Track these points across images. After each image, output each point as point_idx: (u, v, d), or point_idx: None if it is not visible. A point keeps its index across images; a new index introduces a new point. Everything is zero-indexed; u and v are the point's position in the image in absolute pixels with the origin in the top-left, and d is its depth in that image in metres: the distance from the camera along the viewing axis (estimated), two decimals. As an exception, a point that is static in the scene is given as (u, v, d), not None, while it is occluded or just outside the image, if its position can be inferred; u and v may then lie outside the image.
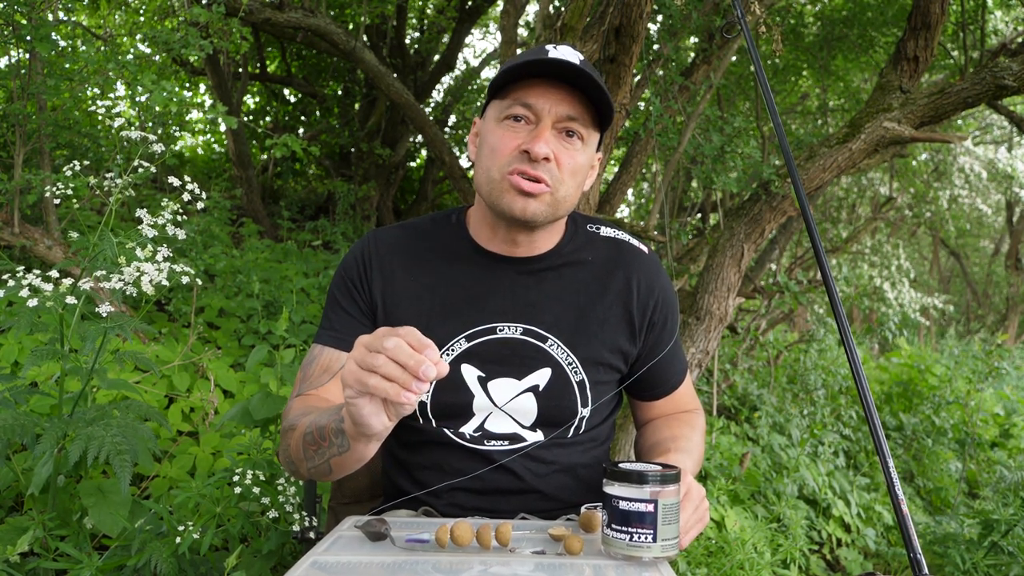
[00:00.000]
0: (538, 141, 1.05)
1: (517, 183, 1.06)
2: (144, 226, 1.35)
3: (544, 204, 1.08)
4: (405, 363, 0.79)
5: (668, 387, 1.30)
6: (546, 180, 1.07)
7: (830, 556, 3.12)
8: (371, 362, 0.80)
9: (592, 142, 1.13)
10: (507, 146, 1.07)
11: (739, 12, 1.70)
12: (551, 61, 1.04)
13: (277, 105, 6.74)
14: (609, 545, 0.92)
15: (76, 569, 1.30)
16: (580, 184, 1.13)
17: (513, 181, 1.07)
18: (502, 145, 1.08)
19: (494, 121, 1.10)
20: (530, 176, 1.06)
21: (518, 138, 1.07)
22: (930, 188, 6.88)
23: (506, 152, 1.07)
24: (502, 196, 1.08)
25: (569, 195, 1.11)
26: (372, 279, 1.18)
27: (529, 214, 1.08)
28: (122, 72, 2.70)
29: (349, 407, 0.86)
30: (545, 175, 1.06)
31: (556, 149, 1.07)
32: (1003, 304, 11.39)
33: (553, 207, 1.09)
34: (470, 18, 5.77)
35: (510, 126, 1.08)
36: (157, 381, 2.41)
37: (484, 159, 1.11)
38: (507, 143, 1.07)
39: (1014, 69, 2.29)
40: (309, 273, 3.76)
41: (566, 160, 1.08)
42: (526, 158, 1.06)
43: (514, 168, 1.06)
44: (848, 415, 4.25)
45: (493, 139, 1.09)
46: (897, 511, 1.15)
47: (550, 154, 1.06)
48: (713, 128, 2.93)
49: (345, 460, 1.00)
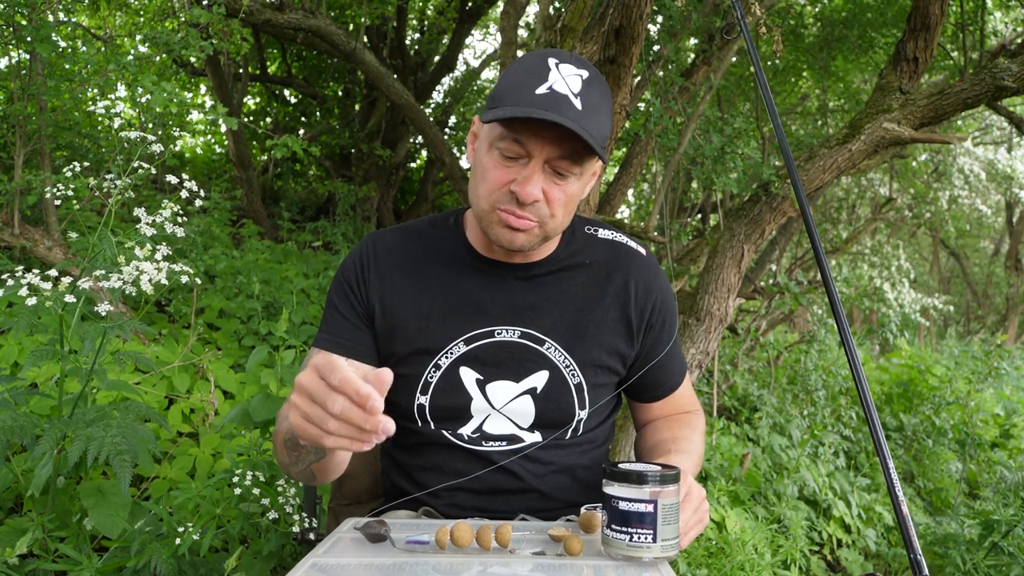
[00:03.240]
0: (527, 184, 1.02)
1: (505, 219, 1.05)
2: (143, 225, 1.35)
3: (532, 236, 1.07)
4: (360, 425, 0.77)
5: (667, 388, 1.30)
6: (533, 219, 1.06)
7: (830, 557, 3.11)
8: (321, 423, 0.78)
9: (589, 167, 1.09)
10: (497, 180, 1.05)
11: (739, 13, 1.70)
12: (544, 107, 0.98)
13: (277, 106, 6.74)
14: (609, 546, 0.92)
15: (76, 570, 1.30)
16: (573, 208, 1.11)
17: (501, 216, 1.06)
18: (492, 177, 1.05)
19: (488, 142, 1.07)
20: (519, 216, 1.05)
21: (509, 173, 1.04)
22: (930, 189, 6.88)
23: (496, 186, 1.05)
24: (491, 227, 1.08)
25: (560, 224, 1.09)
26: (369, 283, 1.18)
27: (517, 246, 1.08)
28: (122, 73, 2.70)
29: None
30: (532, 215, 1.05)
31: (547, 187, 1.05)
32: (1003, 304, 11.39)
33: (542, 237, 1.09)
34: (470, 19, 5.78)
35: (502, 160, 1.05)
36: (157, 382, 2.41)
37: (477, 181, 1.09)
38: (498, 176, 1.05)
39: (1013, 70, 2.29)
40: (309, 274, 3.76)
41: (557, 195, 1.06)
42: (515, 199, 1.04)
43: (503, 207, 1.05)
44: (848, 416, 4.25)
45: (486, 164, 1.07)
46: (897, 512, 1.16)
47: (539, 196, 1.04)
48: (713, 129, 2.93)
49: (325, 467, 1.01)
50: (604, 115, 1.05)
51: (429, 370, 1.15)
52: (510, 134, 1.02)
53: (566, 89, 1.01)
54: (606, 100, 1.06)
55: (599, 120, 1.03)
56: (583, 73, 1.03)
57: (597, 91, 1.04)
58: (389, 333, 1.17)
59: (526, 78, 1.02)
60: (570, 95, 1.00)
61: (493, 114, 1.01)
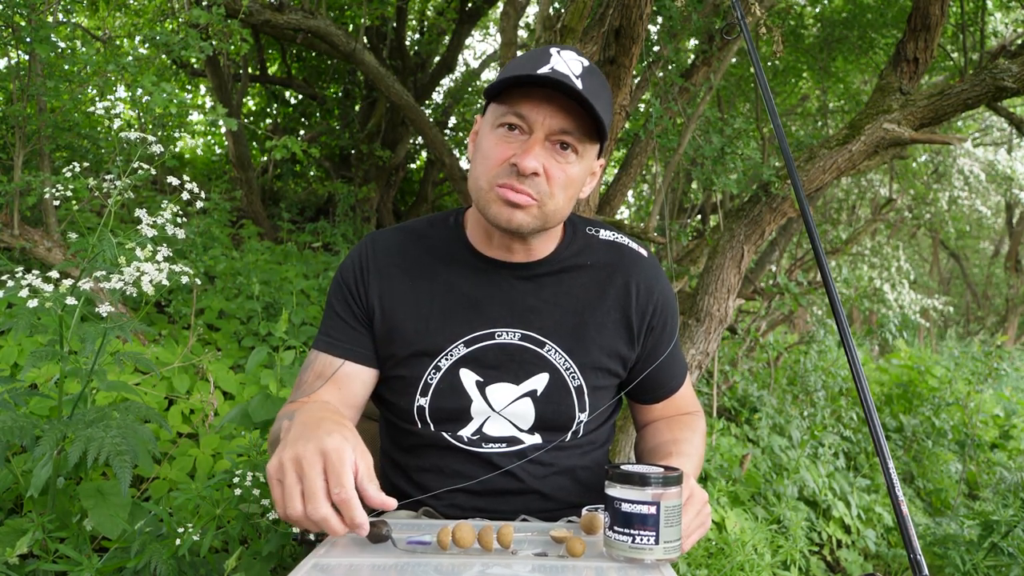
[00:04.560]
0: (527, 156, 1.03)
1: (504, 194, 1.05)
2: (143, 226, 1.35)
3: (531, 216, 1.07)
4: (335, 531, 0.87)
5: (668, 390, 1.29)
6: (532, 194, 1.05)
7: (830, 557, 3.11)
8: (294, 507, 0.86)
9: (589, 153, 1.10)
10: (498, 156, 1.06)
11: (739, 14, 1.70)
12: (547, 75, 1.01)
13: (277, 107, 6.74)
14: (611, 547, 0.92)
15: (76, 571, 1.30)
16: (573, 196, 1.11)
17: (500, 192, 1.05)
18: (493, 154, 1.06)
19: (490, 125, 1.08)
20: (517, 190, 1.05)
21: (510, 148, 1.05)
22: (930, 190, 6.89)
23: (496, 162, 1.06)
24: (489, 206, 1.07)
25: (559, 208, 1.09)
26: (368, 285, 1.18)
27: (515, 224, 1.07)
28: (122, 74, 2.70)
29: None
30: (532, 189, 1.05)
31: (547, 162, 1.05)
32: (1003, 305, 11.39)
33: (541, 219, 1.08)
34: (470, 20, 5.78)
35: (503, 135, 1.06)
36: (157, 383, 2.41)
37: (477, 164, 1.10)
38: (498, 153, 1.06)
39: (1013, 71, 2.29)
40: (309, 275, 3.76)
41: (557, 173, 1.06)
42: (515, 171, 1.04)
43: (502, 181, 1.05)
44: (848, 416, 4.25)
45: (487, 145, 1.08)
46: (897, 512, 1.15)
47: (539, 168, 1.04)
48: (713, 129, 2.93)
49: None
50: (604, 102, 1.06)
51: (429, 372, 1.15)
52: (511, 109, 1.04)
53: (568, 71, 1.03)
54: (606, 90, 1.08)
55: (600, 103, 1.04)
56: (584, 61, 1.06)
57: (598, 80, 1.06)
58: (388, 335, 1.17)
59: (527, 61, 1.05)
60: (572, 76, 1.02)
61: (494, 86, 1.04)
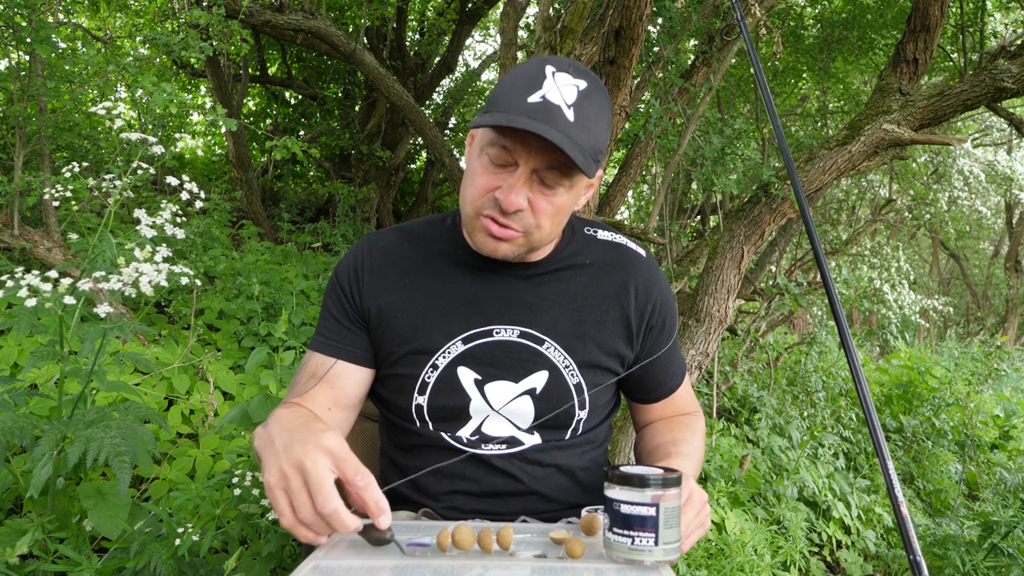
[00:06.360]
0: (511, 192, 1.01)
1: (487, 226, 1.05)
2: (143, 226, 1.35)
3: (516, 246, 1.07)
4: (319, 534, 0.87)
5: (666, 389, 1.29)
6: (516, 228, 1.04)
7: (830, 558, 3.11)
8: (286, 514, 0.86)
9: (580, 180, 1.07)
10: (483, 185, 1.04)
11: (739, 14, 1.70)
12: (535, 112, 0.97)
13: (277, 107, 6.75)
14: (610, 549, 0.92)
15: (75, 571, 1.30)
16: (563, 219, 1.10)
17: (484, 223, 1.05)
18: (479, 182, 1.05)
19: (479, 147, 1.06)
20: (501, 224, 1.04)
21: (496, 180, 1.03)
22: (930, 190, 6.89)
23: (481, 191, 1.04)
24: (474, 233, 1.07)
25: (547, 234, 1.08)
26: (364, 284, 1.18)
27: (500, 255, 1.07)
28: (122, 74, 2.70)
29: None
30: (516, 224, 1.04)
31: (533, 196, 1.03)
32: (1002, 306, 11.39)
33: (527, 247, 1.08)
34: (470, 20, 5.78)
35: (490, 165, 1.04)
36: (157, 383, 2.41)
37: (466, 185, 1.08)
38: (484, 182, 1.04)
39: (1013, 71, 2.29)
40: (309, 275, 3.76)
41: (544, 205, 1.04)
42: (499, 206, 1.03)
43: (487, 212, 1.04)
44: (848, 417, 4.25)
45: (473, 168, 1.07)
46: (897, 513, 1.15)
47: (523, 205, 1.02)
48: (713, 130, 2.93)
49: None
50: (599, 127, 1.02)
51: (426, 370, 1.15)
52: (499, 140, 1.01)
53: (559, 99, 0.99)
54: (603, 112, 1.04)
55: (592, 133, 1.01)
56: (580, 83, 1.01)
57: (594, 103, 1.02)
58: (385, 333, 1.17)
59: (521, 84, 1.01)
60: (563, 106, 0.98)
61: (482, 119, 1.00)
